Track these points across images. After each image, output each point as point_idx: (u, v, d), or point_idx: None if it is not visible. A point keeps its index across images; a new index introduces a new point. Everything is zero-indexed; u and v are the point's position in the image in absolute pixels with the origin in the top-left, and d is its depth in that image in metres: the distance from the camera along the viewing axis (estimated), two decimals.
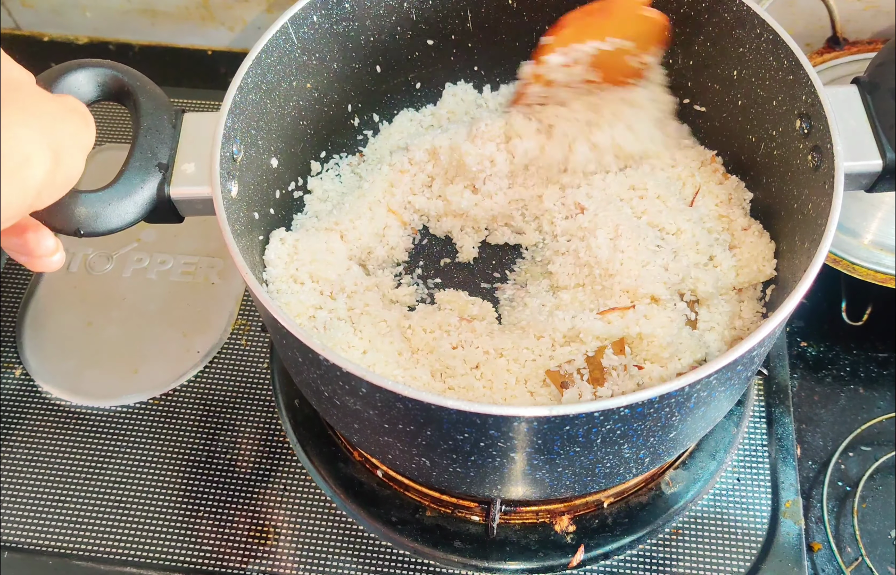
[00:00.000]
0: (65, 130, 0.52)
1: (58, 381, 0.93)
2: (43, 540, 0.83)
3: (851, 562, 0.80)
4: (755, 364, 0.68)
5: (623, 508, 0.82)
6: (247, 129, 0.74)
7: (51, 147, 0.49)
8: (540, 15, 0.89)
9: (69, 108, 0.53)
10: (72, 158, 0.52)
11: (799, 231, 0.72)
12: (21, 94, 0.50)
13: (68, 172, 0.52)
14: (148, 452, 0.88)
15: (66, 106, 0.53)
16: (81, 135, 0.53)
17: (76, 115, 0.54)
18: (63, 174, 0.52)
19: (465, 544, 0.80)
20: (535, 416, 0.55)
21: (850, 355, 0.93)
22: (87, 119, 0.55)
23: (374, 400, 0.60)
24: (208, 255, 1.02)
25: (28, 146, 0.48)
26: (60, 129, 0.51)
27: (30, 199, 0.49)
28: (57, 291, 1.00)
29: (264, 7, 1.19)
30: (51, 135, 0.50)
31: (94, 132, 0.55)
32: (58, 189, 0.53)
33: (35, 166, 0.48)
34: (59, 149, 0.50)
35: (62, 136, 0.51)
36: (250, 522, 0.83)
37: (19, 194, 0.48)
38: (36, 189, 0.49)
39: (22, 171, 0.47)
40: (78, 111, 0.54)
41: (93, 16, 1.25)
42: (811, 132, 0.69)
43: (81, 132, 0.53)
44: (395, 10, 0.86)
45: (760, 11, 0.74)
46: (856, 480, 0.84)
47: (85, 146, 0.54)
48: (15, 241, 0.59)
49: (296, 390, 0.89)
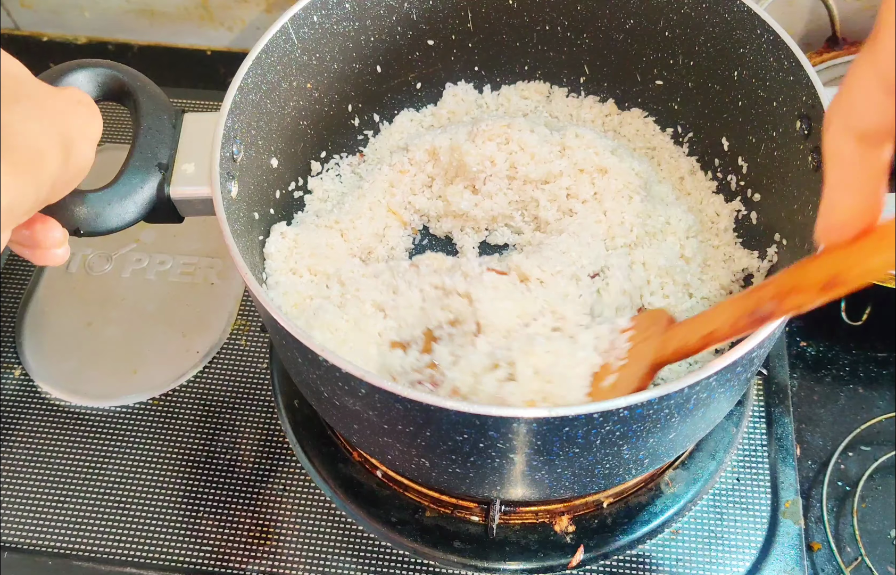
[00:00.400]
0: (74, 123, 0.52)
1: (57, 381, 0.93)
2: (43, 540, 0.83)
3: (851, 562, 0.80)
4: (755, 365, 0.68)
5: (623, 509, 0.82)
6: (247, 129, 0.74)
7: (62, 140, 0.50)
8: (540, 15, 0.89)
9: (75, 100, 0.54)
10: (82, 150, 0.53)
11: (799, 231, 0.72)
12: (27, 88, 0.50)
13: (80, 164, 0.53)
14: (147, 452, 0.88)
15: (73, 98, 0.53)
16: (90, 126, 0.54)
17: (82, 106, 0.54)
18: (75, 166, 0.52)
19: (464, 545, 0.80)
20: (534, 417, 0.55)
21: (850, 355, 0.93)
22: (94, 110, 0.55)
23: (374, 401, 0.60)
24: (208, 255, 1.02)
25: (40, 140, 0.48)
26: (69, 122, 0.51)
27: (44, 193, 0.49)
28: (56, 292, 1.00)
29: (263, 7, 1.19)
30: (61, 128, 0.50)
31: (101, 123, 0.55)
32: (70, 182, 0.53)
33: (48, 160, 0.48)
34: (69, 141, 0.51)
35: (72, 129, 0.51)
36: (250, 523, 0.83)
37: (34, 189, 0.48)
38: (50, 183, 0.49)
39: (35, 165, 0.47)
40: (84, 103, 0.54)
41: (92, 16, 1.25)
42: (811, 133, 0.69)
43: (89, 123, 0.54)
44: (395, 10, 0.86)
45: (760, 11, 0.74)
46: (855, 479, 0.84)
47: (94, 137, 0.54)
48: (24, 233, 0.59)
49: (295, 391, 0.89)
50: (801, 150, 0.71)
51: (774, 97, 0.75)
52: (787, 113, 0.73)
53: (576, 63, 0.93)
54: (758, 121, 0.79)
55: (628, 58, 0.89)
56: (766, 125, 0.77)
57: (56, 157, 0.49)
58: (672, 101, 0.90)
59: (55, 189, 0.51)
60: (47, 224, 0.59)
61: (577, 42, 0.90)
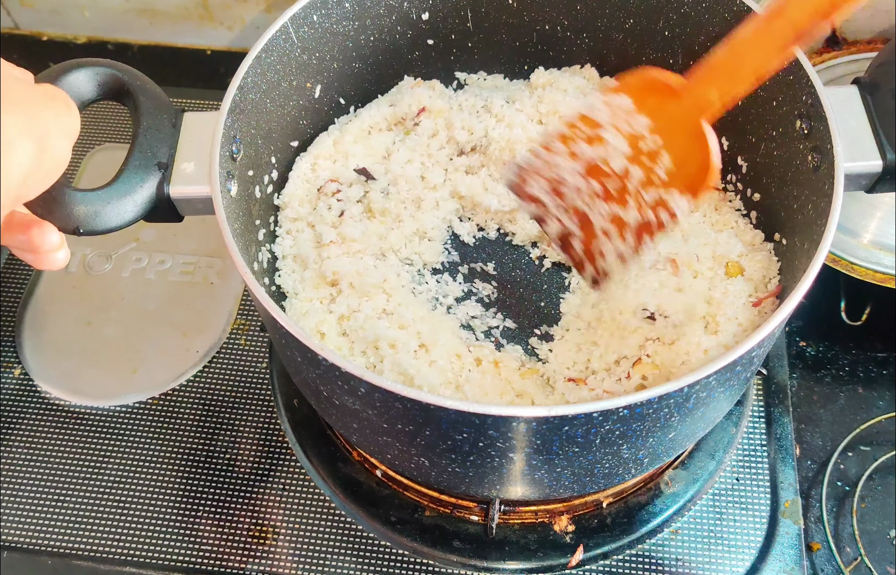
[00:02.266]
0: (47, 116, 0.52)
1: (57, 380, 0.93)
2: (43, 540, 0.83)
3: (850, 562, 0.80)
4: (754, 364, 0.68)
5: (622, 508, 0.82)
6: (246, 128, 0.74)
7: (34, 133, 0.50)
8: (540, 15, 0.89)
9: (49, 95, 0.54)
10: (57, 144, 0.52)
11: (798, 231, 0.72)
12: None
13: (55, 158, 0.53)
14: (147, 451, 0.88)
15: (47, 93, 0.53)
16: (64, 120, 0.54)
17: (56, 101, 0.54)
18: (50, 160, 0.52)
19: (464, 544, 0.80)
20: (533, 416, 0.55)
21: (850, 355, 0.93)
22: (69, 105, 0.55)
23: (373, 400, 0.60)
24: (207, 254, 1.02)
25: (9, 131, 0.48)
26: (42, 116, 0.51)
27: (16, 187, 0.49)
28: (56, 291, 1.00)
29: (263, 7, 1.19)
30: (33, 121, 0.50)
31: (77, 118, 0.55)
32: (45, 177, 0.53)
33: (18, 152, 0.48)
34: (42, 135, 0.50)
35: (45, 123, 0.51)
36: (249, 522, 0.83)
37: (6, 183, 0.48)
38: (22, 177, 0.49)
39: (6, 158, 0.47)
40: (58, 98, 0.54)
41: (92, 15, 1.25)
42: (811, 132, 0.69)
43: (64, 117, 0.54)
44: (395, 9, 0.86)
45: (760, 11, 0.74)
46: (855, 479, 0.84)
47: (69, 132, 0.54)
48: (20, 237, 0.59)
49: (295, 390, 0.89)
50: (801, 149, 0.71)
51: (774, 97, 0.75)
52: (786, 113, 0.73)
53: (576, 63, 0.93)
54: (758, 120, 0.79)
55: (628, 58, 0.89)
56: (765, 125, 0.77)
57: (27, 150, 0.49)
58: None
59: (29, 184, 0.51)
60: (43, 228, 0.59)
61: (577, 42, 0.90)
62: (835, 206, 0.63)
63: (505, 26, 0.90)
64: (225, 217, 0.64)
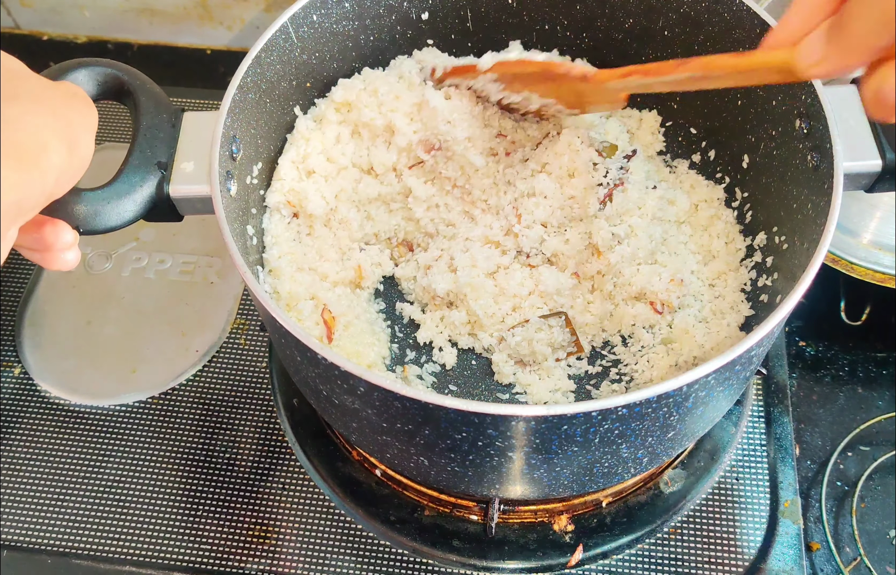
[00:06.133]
0: (73, 115, 0.52)
1: (57, 380, 0.93)
2: (43, 539, 0.83)
3: (850, 562, 0.80)
4: (754, 364, 0.68)
5: (622, 508, 0.82)
6: (246, 128, 0.74)
7: (64, 132, 0.50)
8: (540, 15, 0.89)
9: (70, 92, 0.54)
10: (84, 141, 0.53)
11: (798, 231, 0.72)
12: (26, 84, 0.50)
13: (82, 155, 0.53)
14: (147, 451, 0.88)
15: (68, 91, 0.54)
16: (87, 117, 0.54)
17: (78, 98, 0.54)
18: (78, 157, 0.52)
19: (463, 544, 0.80)
20: (532, 415, 0.55)
21: (849, 355, 0.93)
22: (88, 101, 0.55)
23: (372, 399, 0.60)
24: (207, 254, 1.02)
25: (43, 133, 0.48)
26: (69, 114, 0.52)
27: (49, 187, 0.49)
28: (56, 290, 1.00)
29: (263, 6, 1.19)
30: (62, 120, 0.50)
31: (97, 115, 0.56)
32: (74, 174, 0.53)
33: (52, 153, 0.49)
34: (71, 133, 0.51)
35: (72, 120, 0.52)
36: (249, 521, 0.83)
37: (40, 183, 0.48)
38: (55, 176, 0.50)
39: (40, 159, 0.48)
40: (78, 95, 0.55)
41: (92, 15, 1.25)
42: (811, 132, 0.69)
43: (87, 114, 0.54)
44: (395, 9, 0.86)
45: (760, 11, 0.74)
46: (854, 479, 0.84)
47: (92, 128, 0.55)
48: (33, 236, 0.58)
49: (294, 389, 0.89)
50: (801, 149, 0.71)
51: (774, 96, 0.75)
52: (786, 112, 0.73)
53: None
54: (757, 120, 0.79)
55: (628, 58, 0.89)
56: (765, 124, 0.77)
57: (59, 149, 0.49)
58: (671, 101, 0.90)
59: (60, 182, 0.51)
60: (57, 226, 0.59)
61: (577, 42, 0.90)
62: (834, 206, 0.63)
63: (505, 26, 0.90)
64: (225, 217, 0.64)
